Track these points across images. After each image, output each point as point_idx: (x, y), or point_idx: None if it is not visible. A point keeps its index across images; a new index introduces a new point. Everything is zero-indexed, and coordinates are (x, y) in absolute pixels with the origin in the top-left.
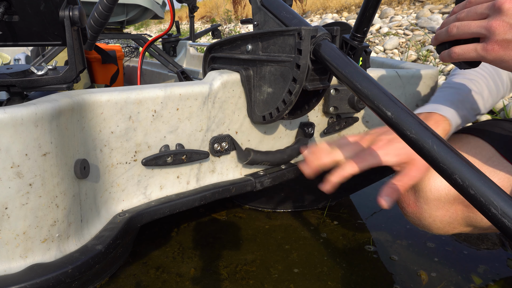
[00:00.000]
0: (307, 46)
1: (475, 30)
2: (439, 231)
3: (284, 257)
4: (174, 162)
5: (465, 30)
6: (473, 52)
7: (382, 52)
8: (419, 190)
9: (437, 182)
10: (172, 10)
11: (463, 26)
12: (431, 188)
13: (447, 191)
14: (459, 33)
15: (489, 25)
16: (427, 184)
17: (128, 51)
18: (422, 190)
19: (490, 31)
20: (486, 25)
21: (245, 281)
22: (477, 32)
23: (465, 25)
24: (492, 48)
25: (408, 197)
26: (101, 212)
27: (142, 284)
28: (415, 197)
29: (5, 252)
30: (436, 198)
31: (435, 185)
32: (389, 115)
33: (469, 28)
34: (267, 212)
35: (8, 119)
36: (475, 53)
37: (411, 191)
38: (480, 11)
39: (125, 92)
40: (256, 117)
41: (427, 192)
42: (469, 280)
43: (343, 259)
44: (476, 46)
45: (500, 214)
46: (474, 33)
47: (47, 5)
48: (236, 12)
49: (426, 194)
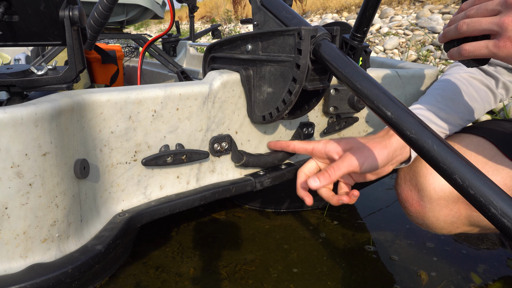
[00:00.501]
0: (307, 46)
1: (486, 27)
2: (442, 231)
3: (284, 257)
4: (174, 162)
5: (476, 27)
6: (484, 49)
7: (382, 52)
8: (422, 190)
9: (440, 181)
10: (172, 10)
11: (473, 23)
12: (435, 187)
13: (450, 190)
14: (469, 30)
15: (502, 21)
16: (431, 183)
17: (128, 51)
18: (425, 189)
19: (503, 28)
20: (498, 22)
21: (245, 281)
22: (489, 29)
23: (475, 21)
24: (504, 44)
25: (411, 197)
26: (101, 212)
27: (142, 284)
28: (418, 196)
29: (5, 252)
30: (439, 197)
31: (439, 184)
32: (389, 115)
33: (480, 24)
34: (267, 212)
35: (8, 119)
36: (486, 50)
37: (414, 190)
38: (491, 8)
39: (125, 92)
40: (256, 117)
41: (431, 191)
42: (469, 280)
43: (343, 259)
44: (487, 43)
45: (499, 214)
46: (485, 29)
47: (47, 5)
48: (236, 12)
49: (430, 193)
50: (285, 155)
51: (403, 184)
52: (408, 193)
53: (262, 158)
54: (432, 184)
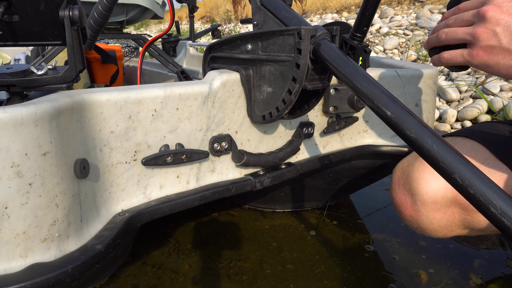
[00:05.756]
0: (307, 46)
1: (461, 37)
2: (437, 234)
3: (284, 257)
4: (174, 162)
5: (452, 36)
6: (460, 57)
7: (382, 52)
8: (415, 194)
9: (433, 185)
10: (172, 10)
11: (451, 33)
12: (428, 191)
13: (443, 193)
14: (447, 39)
15: (474, 32)
16: (424, 187)
17: (128, 51)
18: (418, 193)
19: (475, 38)
20: (471, 32)
21: (239, 277)
22: (463, 39)
23: (452, 31)
24: (477, 53)
25: (405, 201)
26: (101, 212)
27: (142, 284)
28: (412, 201)
29: (5, 251)
30: (432, 201)
31: (431, 188)
32: (389, 114)
33: (456, 34)
34: (267, 212)
35: (8, 118)
36: (462, 58)
37: (408, 195)
38: (466, 18)
39: (125, 92)
40: (256, 116)
41: (424, 195)
42: (468, 280)
43: (343, 259)
44: (462, 51)
45: (499, 214)
46: (460, 39)
47: (47, 5)
48: (236, 12)
49: (423, 197)
50: (286, 154)
51: (397, 189)
52: (402, 198)
53: (262, 157)
54: (424, 188)
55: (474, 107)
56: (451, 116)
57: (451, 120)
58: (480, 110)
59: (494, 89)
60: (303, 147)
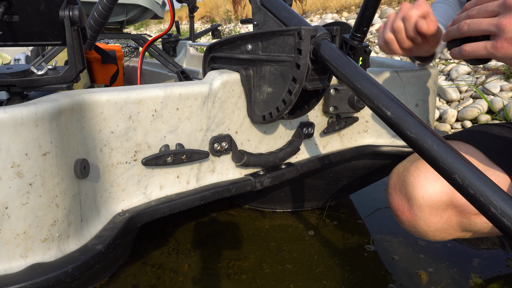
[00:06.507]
0: (307, 46)
1: (485, 28)
2: (435, 238)
3: (283, 257)
4: (174, 162)
5: (475, 27)
6: (483, 50)
7: (382, 52)
8: (411, 198)
9: (428, 189)
10: (172, 10)
11: (473, 24)
12: (424, 196)
13: (439, 197)
14: (469, 31)
15: (499, 23)
16: (419, 192)
17: (128, 51)
18: (414, 198)
19: (500, 29)
20: (496, 23)
21: (238, 276)
22: (487, 30)
23: (475, 22)
24: (501, 45)
25: (402, 205)
26: (101, 212)
27: (141, 283)
28: (408, 205)
29: (5, 251)
30: (429, 205)
31: (427, 192)
32: (389, 114)
33: (480, 25)
34: (266, 212)
35: (8, 119)
36: (485, 50)
37: (404, 199)
38: (490, 9)
39: (125, 92)
40: (256, 117)
41: (420, 199)
42: (468, 280)
43: (343, 259)
44: (486, 44)
45: (499, 214)
46: (484, 30)
47: (47, 5)
48: (236, 12)
49: (419, 202)
50: (286, 154)
51: (393, 193)
52: (398, 202)
53: (263, 157)
54: (420, 193)
55: (474, 107)
56: (451, 116)
57: (451, 120)
58: (480, 110)
59: (494, 89)
60: (303, 147)
